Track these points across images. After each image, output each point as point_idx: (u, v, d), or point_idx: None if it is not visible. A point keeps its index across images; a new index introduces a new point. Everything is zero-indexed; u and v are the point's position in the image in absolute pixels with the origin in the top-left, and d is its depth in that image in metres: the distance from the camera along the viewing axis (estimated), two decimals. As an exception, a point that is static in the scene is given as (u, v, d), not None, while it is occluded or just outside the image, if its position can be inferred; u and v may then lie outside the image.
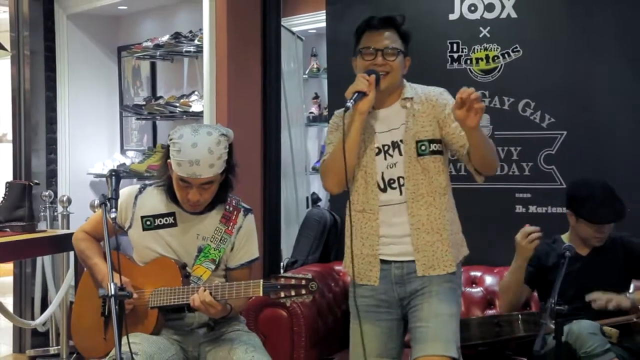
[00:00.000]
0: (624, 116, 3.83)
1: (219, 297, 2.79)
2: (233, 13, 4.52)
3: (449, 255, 2.86)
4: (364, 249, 2.91)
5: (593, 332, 3.07)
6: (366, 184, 2.91)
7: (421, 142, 2.86)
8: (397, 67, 2.87)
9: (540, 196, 3.88)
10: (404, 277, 2.87)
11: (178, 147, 2.82)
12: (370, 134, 2.91)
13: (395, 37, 2.90)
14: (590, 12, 3.89)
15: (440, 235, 2.85)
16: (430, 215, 2.85)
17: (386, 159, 2.89)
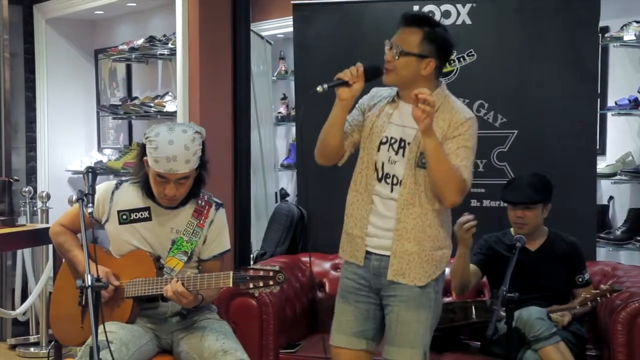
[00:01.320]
0: (568, 116, 3.88)
1: (190, 288, 2.79)
2: (205, 18, 4.51)
3: (421, 269, 2.77)
4: (355, 230, 2.87)
5: (541, 317, 3.12)
6: (368, 169, 2.83)
7: (423, 155, 2.72)
8: (402, 67, 2.72)
9: (494, 191, 3.91)
10: (380, 269, 2.83)
11: (155, 144, 2.80)
12: (385, 122, 2.82)
13: (418, 39, 2.72)
14: (538, 20, 3.93)
15: (419, 248, 2.77)
16: (415, 227, 2.76)
17: (389, 152, 2.80)
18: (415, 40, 2.73)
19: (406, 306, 2.77)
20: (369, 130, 2.84)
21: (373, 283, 2.85)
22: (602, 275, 3.63)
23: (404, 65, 2.73)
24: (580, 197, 3.85)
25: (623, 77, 4.30)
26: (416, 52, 2.72)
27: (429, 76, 2.77)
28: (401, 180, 2.76)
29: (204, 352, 2.84)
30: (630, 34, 4.05)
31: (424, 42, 2.73)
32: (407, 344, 2.78)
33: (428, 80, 2.76)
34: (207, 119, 4.40)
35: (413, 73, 2.74)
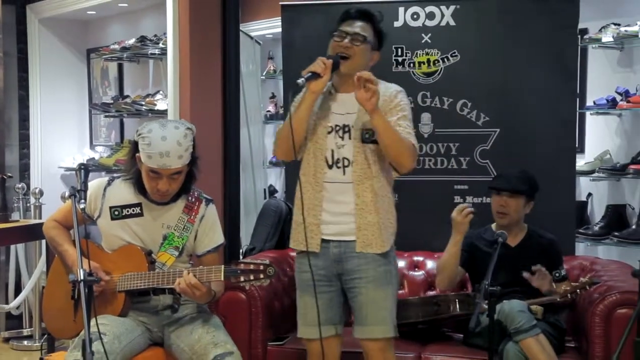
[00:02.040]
0: (549, 115, 3.90)
1: (181, 282, 2.79)
2: (195, 19, 4.50)
3: (382, 236, 2.88)
4: (308, 218, 2.92)
5: (521, 310, 3.14)
6: (315, 158, 2.92)
7: (366, 131, 2.87)
8: (360, 53, 2.87)
9: (477, 188, 3.93)
10: (341, 255, 2.90)
11: (148, 140, 2.80)
12: (327, 113, 2.93)
13: (368, 29, 2.90)
14: (520, 22, 3.94)
15: (379, 217, 2.88)
16: (373, 199, 2.87)
17: (335, 139, 2.91)
18: (369, 32, 2.90)
19: (374, 286, 2.87)
20: (312, 123, 2.94)
21: (335, 269, 2.91)
22: (581, 269, 3.65)
23: (361, 52, 2.89)
24: (560, 194, 3.87)
25: (601, 77, 4.32)
26: (371, 42, 2.90)
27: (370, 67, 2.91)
28: (352, 160, 2.87)
29: (194, 345, 2.84)
30: (608, 36, 4.07)
31: (374, 36, 2.92)
32: (378, 322, 2.87)
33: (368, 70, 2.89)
34: (197, 117, 4.39)
35: (365, 62, 2.90)
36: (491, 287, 2.75)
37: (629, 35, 3.99)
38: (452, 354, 3.34)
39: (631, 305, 3.05)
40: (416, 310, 3.44)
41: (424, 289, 3.84)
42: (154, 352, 2.98)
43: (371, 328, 2.88)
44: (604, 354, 3.11)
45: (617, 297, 3.14)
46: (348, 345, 3.07)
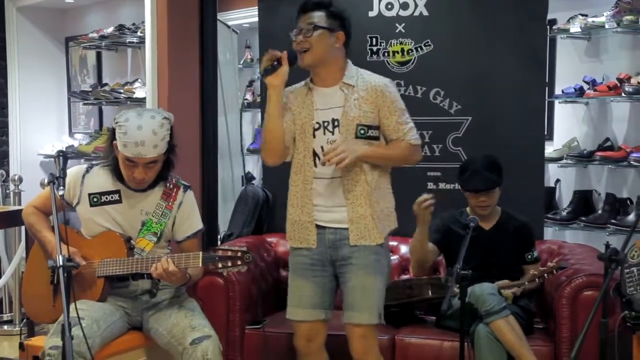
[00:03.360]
0: (519, 104, 3.91)
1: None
2: (173, 7, 4.47)
3: (376, 228, 2.88)
4: (302, 216, 2.93)
5: (492, 292, 3.16)
6: (304, 156, 2.91)
7: (361, 126, 2.85)
8: (316, 41, 2.84)
9: (449, 174, 3.94)
10: (336, 242, 2.91)
11: (124, 129, 2.78)
12: (310, 110, 2.90)
13: (323, 16, 2.86)
14: (491, 13, 3.94)
15: (371, 210, 2.87)
16: (363, 191, 2.87)
17: (326, 134, 2.89)
18: (321, 18, 2.86)
19: (365, 272, 2.88)
20: (297, 121, 2.92)
21: (330, 255, 2.92)
22: (549, 253, 3.69)
23: (318, 40, 2.85)
24: (530, 180, 3.89)
25: (569, 67, 4.35)
26: (326, 26, 2.85)
27: (341, 50, 2.90)
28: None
29: (172, 329, 2.84)
30: (576, 27, 4.09)
31: (328, 19, 2.87)
32: (366, 307, 2.88)
33: (341, 54, 2.90)
34: (175, 105, 4.36)
35: (328, 47, 2.86)
36: (463, 271, 2.77)
37: (596, 26, 4.01)
38: (425, 336, 3.37)
39: (597, 288, 3.09)
40: (390, 293, 3.43)
41: (398, 273, 3.86)
42: (132, 336, 2.97)
43: (357, 314, 2.89)
44: (570, 334, 3.14)
45: (583, 280, 3.17)
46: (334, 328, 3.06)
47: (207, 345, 2.75)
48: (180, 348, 2.78)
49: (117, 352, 2.87)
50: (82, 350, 2.57)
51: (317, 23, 2.85)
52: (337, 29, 2.88)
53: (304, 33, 2.85)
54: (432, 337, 3.35)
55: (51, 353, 2.60)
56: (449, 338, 3.27)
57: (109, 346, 2.83)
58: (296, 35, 2.87)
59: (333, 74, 2.91)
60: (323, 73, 2.90)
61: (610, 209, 4.04)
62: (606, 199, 4.10)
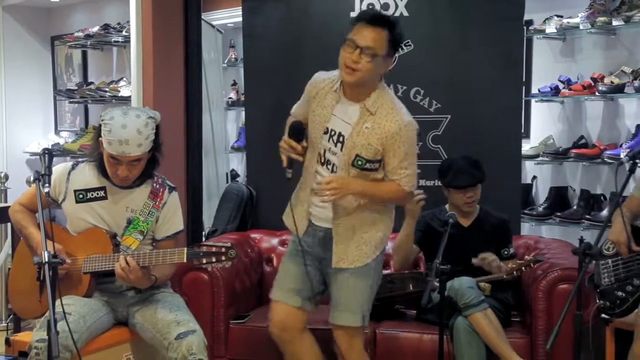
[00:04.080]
0: (496, 102, 3.94)
1: (147, 263, 2.77)
2: (158, 7, 4.44)
3: (359, 252, 2.85)
4: (304, 204, 2.93)
5: (470, 286, 3.18)
6: (313, 151, 2.88)
7: (359, 158, 2.77)
8: (366, 68, 2.67)
9: (429, 171, 3.94)
10: (325, 241, 2.91)
11: (109, 127, 2.77)
12: (328, 112, 2.82)
13: (384, 40, 2.68)
14: (470, 14, 3.96)
15: (354, 233, 2.84)
16: (352, 212, 2.83)
17: (329, 142, 2.84)
18: (382, 42, 2.69)
19: (349, 274, 2.87)
20: (313, 116, 2.87)
21: (320, 252, 2.92)
22: (526, 247, 3.71)
23: (372, 68, 2.69)
24: (507, 177, 3.91)
25: (545, 66, 4.38)
26: (383, 53, 2.70)
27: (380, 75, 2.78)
28: (338, 169, 2.82)
29: (157, 324, 2.83)
30: (551, 27, 4.12)
31: (389, 43, 2.71)
32: (349, 309, 2.87)
33: (378, 77, 2.78)
34: (160, 103, 4.34)
35: (373, 74, 2.73)
36: (442, 266, 2.79)
37: (571, 27, 4.04)
38: (405, 329, 3.38)
39: (571, 281, 3.12)
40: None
41: (379, 267, 3.87)
42: (118, 331, 2.96)
43: (341, 315, 2.89)
44: (546, 326, 3.17)
45: (558, 274, 3.20)
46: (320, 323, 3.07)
47: (192, 339, 2.74)
48: (165, 342, 2.77)
49: (103, 347, 2.86)
50: (69, 344, 2.56)
51: (378, 51, 2.66)
52: (392, 55, 2.77)
53: (363, 54, 2.65)
54: (413, 330, 3.37)
55: (38, 346, 2.59)
56: (429, 331, 3.28)
57: (95, 341, 2.82)
58: (352, 49, 2.67)
59: (360, 92, 2.78)
60: (355, 90, 2.78)
61: (584, 204, 4.08)
62: (581, 195, 4.14)
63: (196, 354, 2.72)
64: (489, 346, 3.13)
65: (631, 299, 2.94)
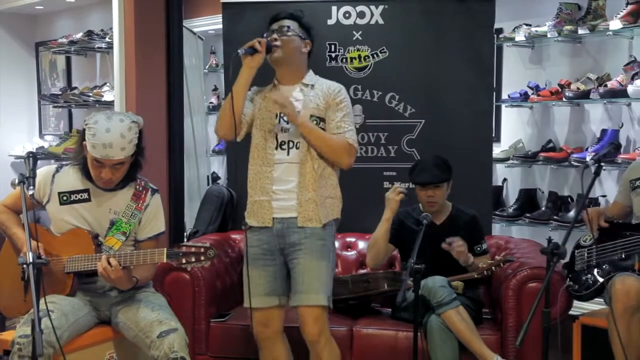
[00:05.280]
0: (468, 107, 3.96)
1: (127, 264, 2.75)
2: (140, 14, 4.43)
3: (320, 213, 2.94)
4: (262, 196, 2.98)
5: (442, 285, 3.19)
6: (265, 142, 2.99)
7: (312, 117, 2.95)
8: (288, 41, 2.97)
9: (404, 174, 3.94)
10: (284, 230, 2.95)
11: (93, 131, 2.75)
12: (272, 104, 2.97)
13: (296, 25, 3.01)
14: (442, 22, 3.98)
15: (315, 195, 2.94)
16: (312, 179, 2.94)
17: (280, 123, 2.98)
18: (294, 25, 3.02)
19: (310, 257, 2.91)
20: (258, 111, 3.03)
21: (278, 244, 2.96)
22: (497, 247, 3.73)
23: (289, 40, 2.97)
24: (479, 179, 3.94)
25: (515, 73, 4.41)
26: (298, 32, 3.01)
27: (304, 56, 3.05)
28: (296, 142, 2.95)
29: (140, 322, 2.81)
30: (520, 35, 4.15)
31: (300, 28, 3.03)
32: (312, 290, 2.90)
33: (304, 60, 3.06)
34: (142, 108, 4.32)
35: (296, 49, 2.99)
36: (416, 265, 2.79)
37: (539, 35, 4.08)
38: (381, 327, 3.39)
39: (540, 280, 3.14)
40: (348, 287, 3.46)
41: (356, 267, 3.87)
42: (102, 329, 2.94)
43: (306, 295, 2.91)
44: (516, 323, 3.19)
45: (527, 273, 3.23)
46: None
47: (173, 338, 2.73)
48: (147, 341, 2.76)
49: (86, 345, 2.83)
50: (52, 340, 2.54)
51: (291, 26, 3.00)
52: (306, 37, 3.04)
53: (278, 33, 2.97)
54: (388, 328, 3.37)
55: (21, 342, 2.57)
56: (404, 329, 3.29)
57: (78, 339, 2.79)
58: (270, 34, 2.99)
59: (294, 74, 3.03)
60: (287, 73, 3.03)
61: (552, 206, 4.11)
62: (549, 196, 4.17)
63: (178, 351, 2.71)
64: (462, 342, 3.13)
65: (598, 283, 3.00)
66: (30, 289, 2.29)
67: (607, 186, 3.97)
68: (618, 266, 2.99)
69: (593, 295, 3.08)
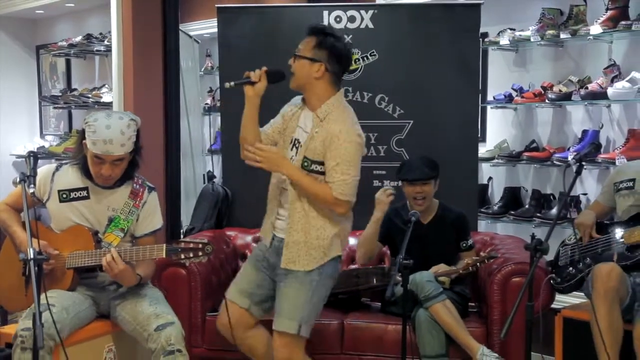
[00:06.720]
0: (455, 109, 3.97)
1: (127, 259, 2.74)
2: (138, 18, 4.43)
3: (308, 256, 2.79)
4: (270, 210, 2.93)
5: (430, 280, 3.19)
6: None
7: (305, 159, 2.77)
8: (296, 69, 2.76)
9: (393, 173, 3.94)
10: (279, 249, 2.87)
11: (94, 128, 2.74)
12: (295, 124, 2.85)
13: (310, 45, 2.75)
14: (430, 26, 3.99)
15: (305, 237, 2.79)
16: (301, 219, 2.79)
17: (292, 151, 2.85)
18: (308, 46, 2.76)
19: (290, 282, 2.82)
20: (284, 130, 2.89)
21: (273, 260, 2.90)
22: (482, 243, 3.74)
23: (299, 68, 2.77)
24: (465, 178, 3.95)
25: (500, 75, 4.41)
26: (308, 56, 2.75)
27: (322, 81, 2.77)
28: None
29: (138, 316, 2.80)
30: (505, 39, 4.16)
31: (315, 48, 2.75)
32: (285, 315, 2.81)
33: (322, 85, 2.78)
34: (140, 109, 4.31)
35: (306, 76, 2.76)
36: (405, 261, 2.78)
37: (523, 39, 4.08)
38: (371, 320, 3.39)
39: (524, 274, 3.15)
40: (338, 282, 3.43)
41: (346, 263, 3.86)
42: (101, 323, 2.93)
43: (279, 319, 2.82)
44: (500, 316, 3.20)
45: (511, 268, 3.23)
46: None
47: (170, 331, 2.72)
48: (145, 334, 2.75)
49: (86, 338, 2.82)
50: (52, 333, 2.53)
51: (300, 52, 2.76)
52: (319, 60, 2.74)
53: (293, 57, 2.77)
54: (378, 321, 3.37)
55: (23, 334, 2.56)
56: (393, 322, 3.30)
57: (78, 332, 2.78)
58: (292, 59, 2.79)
59: (311, 101, 2.81)
60: (306, 97, 2.83)
61: (536, 203, 4.12)
62: (532, 194, 4.18)
63: (174, 344, 2.70)
64: (449, 334, 3.14)
65: (579, 275, 3.03)
66: (31, 284, 2.27)
67: (588, 185, 3.98)
68: (598, 259, 3.00)
69: (574, 287, 3.10)
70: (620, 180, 3.16)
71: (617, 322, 2.81)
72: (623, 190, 3.13)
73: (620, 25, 3.62)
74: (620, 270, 2.85)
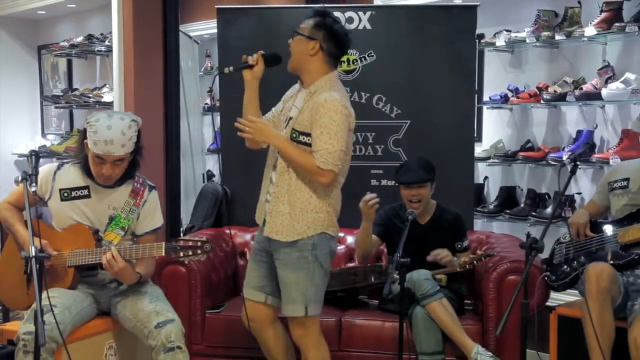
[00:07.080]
0: (451, 109, 3.97)
1: (127, 257, 2.74)
2: (138, 19, 4.43)
3: (291, 227, 2.78)
4: (262, 195, 2.95)
5: (427, 278, 3.20)
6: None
7: (293, 131, 2.80)
8: (294, 47, 2.81)
9: (390, 172, 3.95)
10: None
11: (95, 128, 2.75)
12: (291, 105, 2.89)
13: (309, 24, 2.81)
14: (427, 28, 3.99)
15: (290, 209, 2.79)
16: (288, 191, 2.80)
17: (286, 128, 2.86)
18: (307, 25, 2.81)
19: (286, 269, 2.84)
20: (281, 111, 2.94)
21: (267, 246, 2.91)
22: (478, 242, 3.74)
23: (295, 45, 2.82)
24: (461, 177, 3.95)
25: (495, 76, 4.42)
26: (305, 33, 2.80)
27: (317, 58, 2.80)
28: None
29: (138, 313, 2.80)
30: (501, 41, 4.16)
31: (314, 27, 2.81)
32: (290, 301, 2.85)
33: (316, 63, 2.81)
34: (141, 109, 4.31)
35: (302, 52, 2.80)
36: (402, 259, 2.79)
37: (519, 40, 4.09)
38: (368, 317, 3.39)
39: (519, 273, 3.15)
40: (337, 280, 3.46)
41: (345, 261, 3.87)
42: (102, 320, 2.93)
43: (285, 306, 2.88)
44: (496, 314, 3.20)
45: (507, 266, 3.24)
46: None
47: (170, 328, 2.72)
48: (145, 331, 2.75)
49: (87, 336, 2.82)
50: (55, 335, 2.53)
51: (298, 29, 2.82)
52: (315, 38, 2.77)
53: (292, 37, 2.82)
54: (375, 318, 3.37)
55: (25, 338, 2.55)
56: (390, 319, 3.30)
57: (79, 330, 2.79)
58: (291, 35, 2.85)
59: (306, 79, 2.85)
60: (302, 77, 2.88)
61: (531, 203, 4.12)
62: (528, 194, 4.18)
63: (174, 341, 2.70)
64: (445, 332, 3.15)
65: (574, 273, 3.04)
66: (33, 282, 2.27)
67: (583, 184, 3.99)
68: (592, 258, 3.01)
69: (569, 285, 3.11)
70: (615, 180, 3.16)
71: (609, 321, 2.82)
72: (617, 190, 3.14)
73: (614, 27, 3.63)
74: (612, 270, 2.86)
